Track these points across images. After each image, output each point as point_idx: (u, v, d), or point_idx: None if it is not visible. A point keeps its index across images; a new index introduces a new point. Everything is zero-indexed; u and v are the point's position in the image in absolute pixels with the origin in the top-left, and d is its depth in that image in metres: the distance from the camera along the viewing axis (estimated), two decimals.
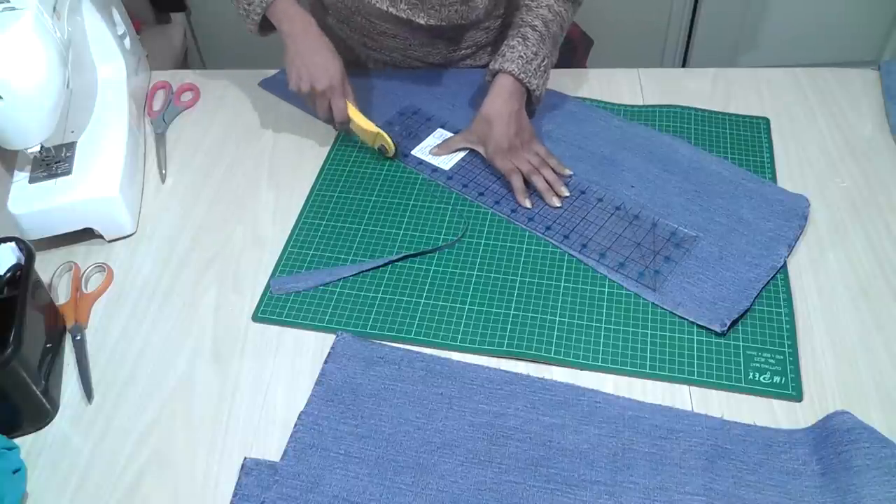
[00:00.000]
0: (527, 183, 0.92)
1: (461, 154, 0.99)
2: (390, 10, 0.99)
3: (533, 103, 0.95)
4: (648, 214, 0.89)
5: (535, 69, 0.92)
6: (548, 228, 0.88)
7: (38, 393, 0.74)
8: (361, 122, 0.97)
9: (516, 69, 0.91)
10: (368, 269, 0.86)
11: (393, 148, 0.97)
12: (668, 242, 0.85)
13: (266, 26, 0.98)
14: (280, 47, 0.97)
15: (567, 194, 0.91)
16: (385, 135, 0.96)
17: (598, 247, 0.86)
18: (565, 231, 0.88)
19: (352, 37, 1.12)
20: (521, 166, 0.92)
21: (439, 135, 1.02)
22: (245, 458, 0.70)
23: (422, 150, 1.00)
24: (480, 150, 0.96)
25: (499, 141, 0.92)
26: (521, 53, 0.92)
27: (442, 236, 0.89)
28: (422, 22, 1.00)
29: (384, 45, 1.10)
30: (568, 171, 0.94)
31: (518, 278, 0.84)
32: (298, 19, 0.95)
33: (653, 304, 0.80)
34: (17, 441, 0.73)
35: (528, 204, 0.91)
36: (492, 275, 0.85)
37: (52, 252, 0.92)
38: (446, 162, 0.98)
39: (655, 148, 0.97)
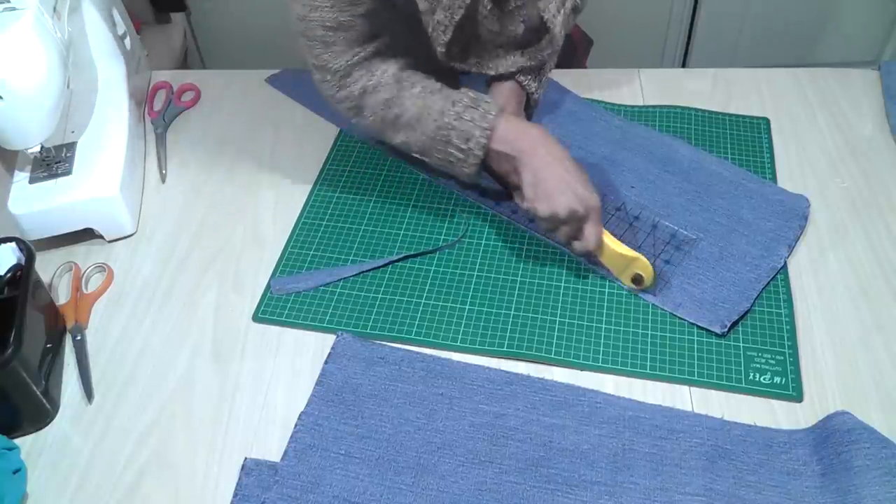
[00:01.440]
0: None
1: None
2: (462, 66, 0.89)
3: (531, 106, 0.95)
4: (648, 216, 0.89)
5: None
6: None
7: (38, 393, 0.74)
8: (616, 246, 0.80)
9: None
10: (369, 270, 0.86)
11: (652, 275, 0.80)
12: (668, 245, 0.85)
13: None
14: (282, 47, 0.96)
15: None
16: (643, 259, 0.79)
17: None
18: None
19: None
20: None
21: None
22: (245, 459, 0.70)
23: None
24: None
25: None
26: None
27: (442, 236, 0.89)
28: (491, 73, 0.90)
29: None
30: None
31: (518, 278, 0.84)
32: (532, 134, 0.80)
33: (653, 304, 0.80)
34: (17, 441, 0.73)
35: (526, 206, 0.90)
36: (492, 275, 0.85)
37: (52, 252, 0.92)
38: None
39: (655, 148, 0.97)
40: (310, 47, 0.81)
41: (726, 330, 0.77)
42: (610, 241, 0.80)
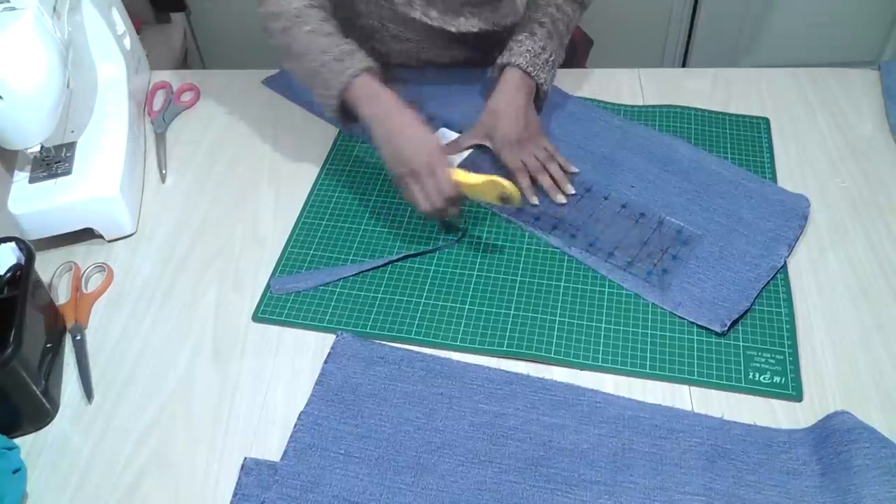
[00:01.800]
0: (532, 180, 0.92)
1: (465, 153, 0.98)
2: (423, 18, 0.93)
3: (540, 98, 0.95)
4: (654, 213, 0.89)
5: (542, 63, 0.92)
6: (554, 227, 0.88)
7: (38, 393, 0.74)
8: (469, 179, 0.82)
9: (524, 62, 0.91)
10: (368, 269, 0.86)
11: (517, 190, 0.82)
12: (674, 240, 0.85)
13: (351, 115, 0.88)
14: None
15: (572, 192, 0.92)
16: (499, 179, 0.81)
17: (606, 245, 0.86)
18: (572, 230, 0.88)
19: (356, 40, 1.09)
20: (528, 161, 0.92)
21: (443, 134, 1.02)
22: (245, 458, 0.70)
23: None
24: (488, 143, 0.96)
25: (506, 133, 0.92)
26: (529, 47, 0.92)
27: (442, 236, 0.89)
28: (453, 30, 0.94)
29: (393, 48, 1.08)
30: (574, 169, 0.94)
31: (518, 278, 0.84)
32: (383, 97, 0.85)
33: (653, 304, 0.80)
34: (17, 441, 0.73)
35: (534, 201, 0.91)
36: (492, 275, 0.85)
37: (52, 252, 0.92)
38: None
39: (655, 148, 0.97)
40: None
41: (726, 329, 0.77)
42: (464, 178, 0.83)
